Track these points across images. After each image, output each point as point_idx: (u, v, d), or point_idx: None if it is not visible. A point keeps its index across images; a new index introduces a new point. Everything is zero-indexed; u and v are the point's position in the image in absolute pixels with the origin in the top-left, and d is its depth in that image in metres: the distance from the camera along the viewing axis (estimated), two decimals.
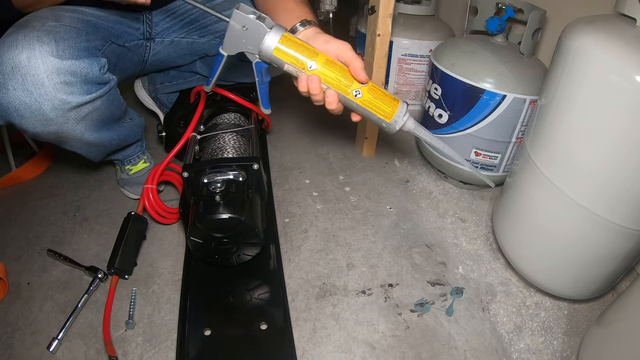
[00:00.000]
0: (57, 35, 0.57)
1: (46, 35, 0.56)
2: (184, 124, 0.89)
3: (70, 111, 0.60)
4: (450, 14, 1.22)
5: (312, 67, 0.53)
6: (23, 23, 0.59)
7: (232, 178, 0.64)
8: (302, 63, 0.53)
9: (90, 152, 0.75)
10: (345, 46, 0.55)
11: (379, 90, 0.55)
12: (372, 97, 0.54)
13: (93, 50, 0.64)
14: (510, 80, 0.75)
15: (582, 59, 0.51)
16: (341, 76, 0.53)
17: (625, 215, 0.53)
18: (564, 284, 0.64)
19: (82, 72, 0.59)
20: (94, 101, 0.62)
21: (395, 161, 1.05)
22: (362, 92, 0.54)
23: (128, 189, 0.88)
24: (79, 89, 0.59)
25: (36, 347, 0.60)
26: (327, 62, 0.53)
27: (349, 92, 0.54)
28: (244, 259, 0.68)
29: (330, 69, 0.53)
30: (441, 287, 0.72)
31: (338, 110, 0.57)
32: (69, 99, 0.58)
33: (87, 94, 0.60)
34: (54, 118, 0.58)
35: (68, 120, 0.60)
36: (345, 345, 0.62)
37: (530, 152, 0.63)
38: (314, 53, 0.53)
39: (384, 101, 0.55)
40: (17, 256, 0.74)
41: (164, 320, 0.64)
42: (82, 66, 0.59)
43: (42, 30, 0.56)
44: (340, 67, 0.54)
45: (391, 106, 0.55)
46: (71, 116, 0.60)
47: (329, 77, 0.53)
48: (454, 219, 0.87)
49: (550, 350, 0.63)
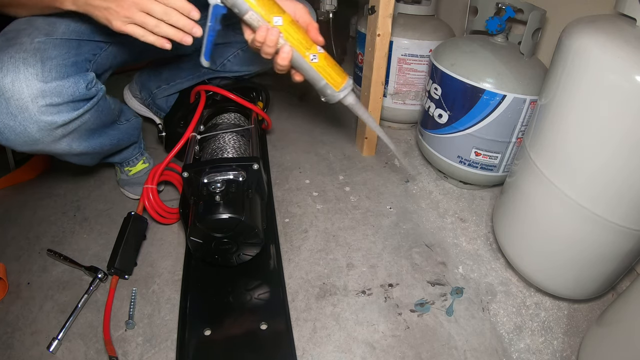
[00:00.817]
0: (45, 54, 0.56)
1: (32, 56, 0.54)
2: (184, 124, 0.89)
3: (57, 129, 0.59)
4: (450, 14, 1.22)
5: (277, 22, 0.54)
6: (11, 37, 0.57)
7: (232, 178, 0.64)
8: (269, 15, 0.54)
9: (82, 160, 0.74)
10: (304, 8, 0.58)
11: (331, 60, 0.58)
12: (326, 65, 0.58)
13: (82, 63, 0.62)
14: (510, 80, 0.75)
15: (582, 59, 0.51)
16: (303, 38, 0.56)
17: (625, 215, 0.53)
18: (564, 284, 0.64)
19: (67, 92, 0.57)
20: (82, 116, 0.61)
21: (395, 161, 1.05)
22: (319, 58, 0.57)
23: (128, 189, 0.88)
24: (65, 108, 0.58)
25: (36, 347, 0.60)
26: (292, 22, 0.55)
27: (306, 55, 0.57)
28: (244, 259, 0.68)
29: (294, 29, 0.55)
30: (441, 287, 0.72)
31: (285, 69, 0.59)
32: (55, 119, 0.57)
33: (74, 111, 0.60)
34: (40, 138, 0.58)
35: (55, 138, 0.60)
36: (345, 345, 0.62)
37: (530, 152, 0.63)
38: (281, 10, 0.55)
39: (336, 71, 0.59)
40: (17, 256, 0.75)
41: (164, 320, 0.64)
42: (67, 86, 0.57)
43: (29, 50, 0.55)
44: (302, 30, 0.56)
45: (341, 77, 0.59)
46: (58, 133, 0.59)
47: (292, 36, 0.55)
48: (454, 219, 0.87)
49: (550, 350, 0.63)
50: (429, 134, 0.93)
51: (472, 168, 0.87)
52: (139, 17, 0.52)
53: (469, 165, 0.87)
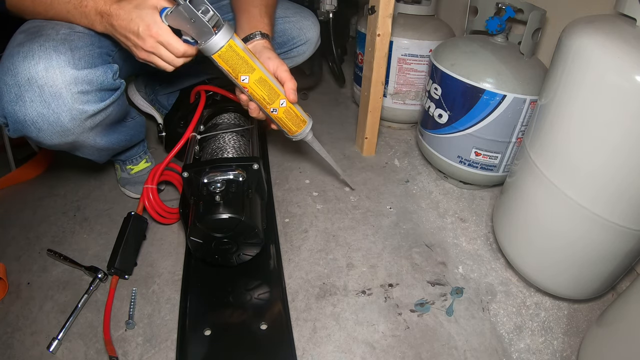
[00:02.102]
0: (72, 44, 0.57)
1: (62, 45, 0.55)
2: (184, 124, 0.89)
3: (87, 120, 0.60)
4: (450, 14, 1.22)
5: (244, 80, 0.59)
6: (35, 30, 0.58)
7: (232, 178, 0.64)
8: (237, 74, 0.58)
9: (100, 156, 0.76)
10: (283, 66, 0.62)
11: (292, 112, 0.66)
12: (285, 117, 0.66)
13: (105, 57, 0.64)
14: (510, 80, 0.75)
15: (582, 59, 0.51)
16: (266, 95, 0.61)
17: (625, 215, 0.53)
18: (564, 284, 0.64)
19: (97, 81, 0.59)
20: (107, 108, 0.63)
21: (395, 161, 1.05)
22: (278, 111, 0.64)
23: (129, 188, 0.88)
24: (94, 97, 0.59)
25: (36, 347, 0.60)
26: (260, 80, 0.60)
27: (267, 109, 0.64)
28: (244, 259, 0.68)
29: (259, 86, 0.60)
30: (441, 287, 0.72)
31: (258, 118, 0.67)
32: (86, 108, 0.58)
33: (102, 102, 0.61)
34: (71, 128, 0.58)
35: (84, 130, 0.61)
36: (345, 345, 0.62)
37: (530, 152, 0.63)
38: (250, 68, 0.58)
39: (294, 122, 0.67)
40: (17, 256, 0.75)
41: (164, 320, 0.64)
42: (97, 74, 0.59)
43: (57, 40, 0.56)
44: (269, 85, 0.61)
45: (297, 126, 0.68)
46: (87, 125, 0.61)
47: (256, 92, 0.61)
48: (454, 219, 0.87)
49: (550, 350, 0.63)
50: (429, 134, 0.93)
51: (472, 168, 0.87)
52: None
53: (469, 165, 0.87)
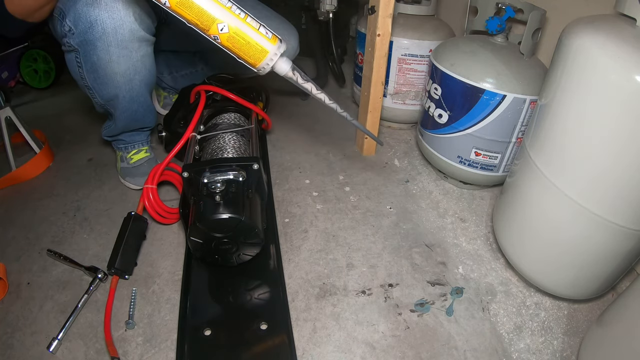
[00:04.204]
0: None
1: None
2: (184, 124, 0.89)
3: (137, 42, 0.72)
4: (450, 14, 1.22)
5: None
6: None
7: (232, 178, 0.64)
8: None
9: (132, 108, 0.82)
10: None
11: (239, 40, 0.56)
12: (231, 46, 0.57)
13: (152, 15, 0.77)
14: (510, 80, 0.75)
15: (581, 59, 0.51)
16: (195, 16, 0.54)
17: (625, 215, 0.53)
18: (563, 284, 0.64)
19: (146, 21, 0.73)
20: (148, 46, 0.75)
21: (395, 161, 1.05)
22: (221, 39, 0.56)
23: (129, 179, 0.90)
24: (145, 27, 0.72)
25: (36, 347, 0.60)
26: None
27: (210, 36, 0.56)
28: (244, 259, 0.68)
29: (183, 6, 0.53)
30: (441, 287, 0.72)
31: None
32: (140, 28, 0.71)
33: (149, 33, 0.74)
34: (127, 39, 0.70)
35: (133, 49, 0.72)
36: (345, 345, 0.62)
37: (530, 152, 0.63)
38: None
39: (246, 52, 0.57)
40: (17, 256, 0.75)
41: (164, 320, 0.64)
42: (149, 14, 0.73)
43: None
44: (196, 6, 0.53)
45: (254, 58, 0.58)
46: (135, 46, 0.72)
47: (183, 13, 0.54)
48: (454, 219, 0.87)
49: (550, 350, 0.63)
50: (429, 134, 0.93)
51: (472, 168, 0.87)
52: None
53: (469, 165, 0.87)
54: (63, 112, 1.25)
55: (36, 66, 1.39)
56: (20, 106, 1.27)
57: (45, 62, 1.39)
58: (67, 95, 1.36)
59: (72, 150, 1.05)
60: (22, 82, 1.40)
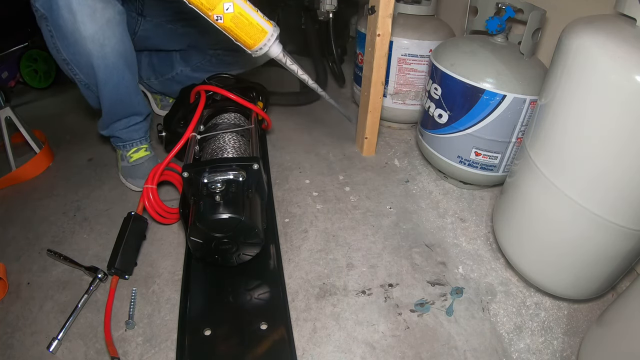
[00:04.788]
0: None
1: None
2: (184, 124, 0.89)
3: (103, 2, 0.70)
4: (450, 14, 1.22)
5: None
6: None
7: (232, 178, 0.64)
8: None
9: (111, 80, 0.79)
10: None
11: (243, 19, 0.57)
12: (234, 26, 0.58)
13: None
14: (510, 80, 0.75)
15: (581, 59, 0.51)
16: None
17: (625, 215, 0.53)
18: (563, 284, 0.64)
19: None
20: (116, 13, 0.73)
21: (395, 161, 1.05)
22: (224, 19, 0.57)
23: (130, 181, 0.89)
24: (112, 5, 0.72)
25: (36, 347, 0.60)
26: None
27: (210, 17, 0.56)
28: (244, 259, 0.68)
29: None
30: (441, 287, 0.72)
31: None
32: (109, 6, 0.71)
33: (118, 14, 0.73)
34: (99, 10, 0.69)
35: (97, 10, 0.70)
36: (345, 345, 0.62)
37: (530, 152, 0.63)
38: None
39: (247, 32, 0.59)
40: (17, 256, 0.75)
41: (164, 320, 0.64)
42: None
43: None
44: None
45: (253, 38, 0.59)
46: (99, 7, 0.70)
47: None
48: (454, 219, 0.87)
49: (550, 350, 0.63)
50: (429, 134, 0.93)
51: (472, 168, 0.87)
52: None
53: (469, 165, 0.87)
54: (63, 112, 1.26)
55: (36, 66, 1.39)
56: (20, 106, 1.27)
57: (45, 62, 1.39)
58: (67, 95, 1.36)
59: (72, 150, 1.05)
60: (22, 82, 1.40)
